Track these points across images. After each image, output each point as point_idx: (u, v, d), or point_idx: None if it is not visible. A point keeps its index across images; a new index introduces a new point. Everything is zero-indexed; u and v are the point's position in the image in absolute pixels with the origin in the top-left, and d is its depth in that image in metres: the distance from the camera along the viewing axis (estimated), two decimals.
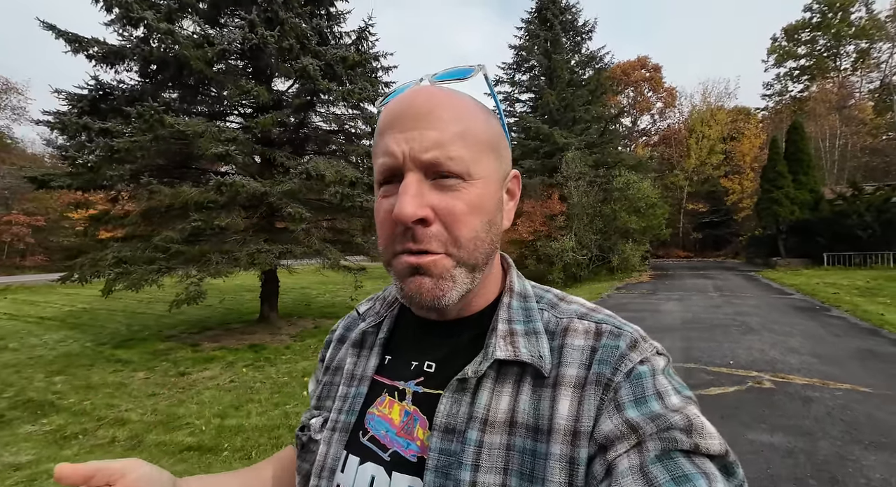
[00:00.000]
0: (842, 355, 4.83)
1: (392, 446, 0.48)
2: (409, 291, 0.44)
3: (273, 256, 6.90)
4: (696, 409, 0.40)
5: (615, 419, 0.39)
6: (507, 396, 0.44)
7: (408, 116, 0.43)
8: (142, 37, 7.11)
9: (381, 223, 0.46)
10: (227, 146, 6.77)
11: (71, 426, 4.31)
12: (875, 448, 2.69)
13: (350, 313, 0.65)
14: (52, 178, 7.42)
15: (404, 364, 0.52)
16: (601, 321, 0.47)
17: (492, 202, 0.46)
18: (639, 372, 0.41)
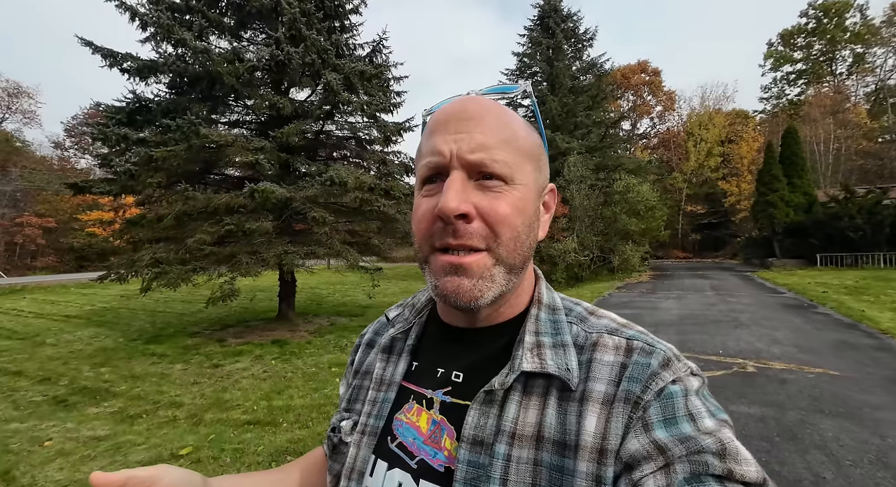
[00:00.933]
0: (820, 346, 5.38)
1: (419, 454, 0.48)
2: (446, 290, 0.44)
3: (299, 257, 7.45)
4: (732, 433, 0.38)
5: (642, 438, 0.38)
6: (534, 409, 0.44)
7: (457, 119, 0.45)
8: (178, 54, 7.64)
9: (421, 219, 0.46)
10: (257, 155, 7.33)
11: (131, 408, 4.84)
12: (832, 416, 3.24)
13: (380, 318, 0.66)
14: (91, 185, 7.97)
15: (431, 371, 0.53)
16: (632, 337, 0.46)
17: (531, 208, 0.47)
18: (670, 392, 0.41)
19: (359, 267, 8.27)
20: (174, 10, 7.96)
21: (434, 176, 0.46)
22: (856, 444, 2.80)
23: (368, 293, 9.80)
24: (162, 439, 3.96)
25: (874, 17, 30.74)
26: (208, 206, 7.36)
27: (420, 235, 0.46)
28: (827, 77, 33.95)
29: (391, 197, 8.44)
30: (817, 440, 2.87)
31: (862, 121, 27.71)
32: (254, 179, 8.57)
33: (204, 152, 7.74)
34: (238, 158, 7.24)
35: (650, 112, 38.25)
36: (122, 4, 7.66)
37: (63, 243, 29.37)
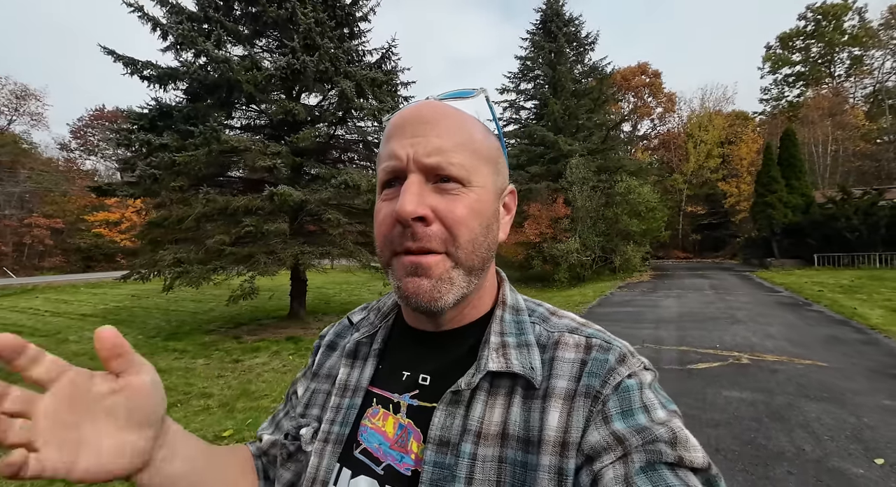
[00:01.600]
0: (811, 340, 5.71)
1: (385, 459, 0.48)
2: (407, 291, 0.45)
3: (315, 257, 7.78)
4: (681, 422, 0.41)
5: (602, 430, 0.40)
6: (499, 408, 0.45)
7: (413, 124, 0.46)
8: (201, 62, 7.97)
9: (381, 223, 0.47)
10: (274, 159, 7.67)
11: (170, 393, 5.18)
12: (816, 400, 3.57)
13: (340, 320, 0.65)
14: (115, 188, 8.31)
15: (397, 374, 0.53)
16: (591, 335, 0.48)
17: (489, 209, 0.48)
18: (626, 386, 0.43)
19: (370, 266, 8.59)
20: (193, 21, 8.30)
21: (392, 180, 0.47)
22: (835, 423, 3.13)
23: (380, 291, 10.11)
24: (200, 424, 4.27)
25: (872, 20, 31.10)
26: (227, 208, 7.70)
27: (381, 239, 0.47)
28: (826, 79, 34.28)
29: None
30: (801, 420, 3.20)
31: (860, 123, 28.04)
32: (268, 182, 8.92)
33: (222, 156, 8.08)
34: (257, 162, 7.57)
35: (650, 113, 38.60)
36: (145, 15, 8.00)
37: (70, 243, 29.75)
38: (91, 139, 40.15)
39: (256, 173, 9.51)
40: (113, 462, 0.37)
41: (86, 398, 0.36)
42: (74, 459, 0.35)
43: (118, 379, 0.38)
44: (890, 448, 2.76)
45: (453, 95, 0.52)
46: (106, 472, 0.37)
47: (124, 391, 0.38)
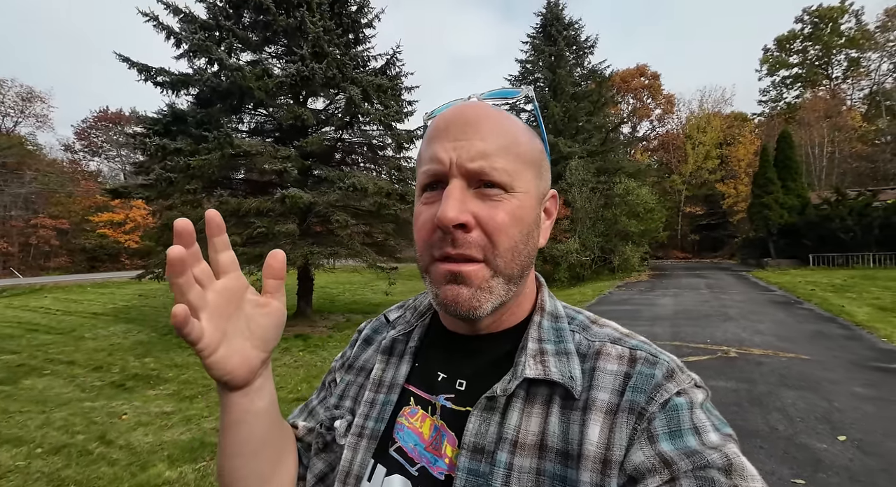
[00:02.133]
0: (797, 335, 6.02)
1: (420, 460, 0.48)
2: (446, 299, 0.45)
3: (324, 257, 8.09)
4: (737, 448, 0.38)
5: (647, 451, 0.38)
6: (536, 417, 0.44)
7: (457, 126, 0.45)
8: (213, 70, 8.28)
9: (421, 228, 0.46)
10: (285, 163, 7.98)
11: (185, 390, 5.46)
12: (794, 388, 3.88)
13: (378, 316, 0.66)
14: (131, 191, 8.62)
15: (434, 375, 0.52)
16: (636, 347, 0.46)
17: (531, 216, 0.47)
18: (675, 404, 0.40)
19: (377, 266, 8.89)
20: (206, 29, 8.61)
21: (434, 183, 0.46)
22: (808, 407, 3.44)
23: (385, 290, 10.43)
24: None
25: (868, 23, 31.42)
26: (239, 210, 8.02)
27: (421, 244, 0.47)
28: (823, 80, 34.61)
29: (406, 201, 9.07)
30: (778, 405, 3.51)
31: (856, 125, 28.36)
32: (276, 184, 9.23)
33: (233, 160, 8.40)
34: (268, 166, 7.88)
35: (649, 115, 38.92)
36: (160, 25, 8.32)
37: (75, 244, 30.08)
38: (95, 140, 40.55)
39: (265, 176, 9.83)
40: (238, 365, 0.41)
41: (240, 299, 0.42)
42: (217, 345, 0.39)
43: (265, 296, 0.44)
44: (854, 427, 3.07)
45: (497, 95, 0.52)
46: (229, 371, 0.41)
47: (267, 307, 0.43)
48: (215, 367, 0.40)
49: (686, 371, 0.45)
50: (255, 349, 0.43)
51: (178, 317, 0.35)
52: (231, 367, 0.41)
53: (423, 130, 0.62)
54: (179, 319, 0.35)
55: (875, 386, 3.88)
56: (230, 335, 0.41)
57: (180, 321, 0.35)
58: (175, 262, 0.35)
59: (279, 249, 0.43)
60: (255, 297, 0.43)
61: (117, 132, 41.21)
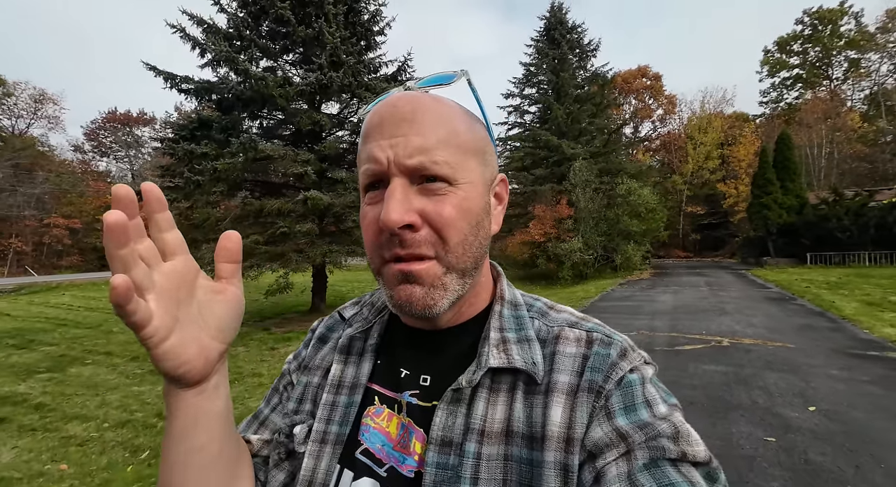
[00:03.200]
0: (786, 328, 6.47)
1: (388, 461, 0.47)
2: (400, 300, 0.44)
3: (342, 255, 8.58)
4: (682, 416, 0.41)
5: (605, 426, 0.40)
6: (502, 405, 0.44)
7: (391, 122, 0.44)
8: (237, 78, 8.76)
9: (367, 229, 0.45)
10: (305, 167, 8.47)
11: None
12: (777, 371, 4.35)
13: (331, 314, 0.63)
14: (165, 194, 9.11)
15: (396, 372, 0.51)
16: (591, 329, 0.48)
17: (478, 206, 0.46)
18: (629, 381, 0.42)
19: None
20: (229, 39, 9.10)
21: (375, 183, 0.45)
22: (787, 386, 3.90)
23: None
24: (262, 395, 5.06)
25: (868, 24, 31.71)
26: (262, 210, 8.51)
27: (369, 246, 0.46)
28: (823, 81, 34.91)
29: None
30: (761, 384, 3.97)
31: (856, 126, 28.69)
32: (295, 186, 9.71)
33: (255, 163, 8.89)
34: (289, 169, 8.37)
35: (651, 115, 39.28)
36: (186, 36, 8.81)
37: (86, 243, 30.72)
38: (103, 141, 41.18)
39: (284, 178, 10.31)
40: (195, 355, 0.37)
41: (192, 284, 0.38)
42: (169, 331, 0.34)
43: (220, 281, 0.40)
44: (824, 401, 3.54)
45: (432, 82, 0.50)
46: (184, 361, 0.36)
47: (221, 294, 0.39)
48: (167, 358, 0.35)
49: (637, 349, 0.46)
50: (212, 339, 0.39)
51: (118, 289, 0.29)
52: (186, 357, 0.36)
53: None
54: (120, 291, 0.30)
55: (849, 369, 4.34)
56: (183, 321, 0.36)
57: (121, 294, 0.30)
58: (114, 228, 0.30)
59: (232, 230, 0.40)
60: (208, 283, 0.39)
61: (125, 133, 41.88)
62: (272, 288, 8.10)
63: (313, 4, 9.28)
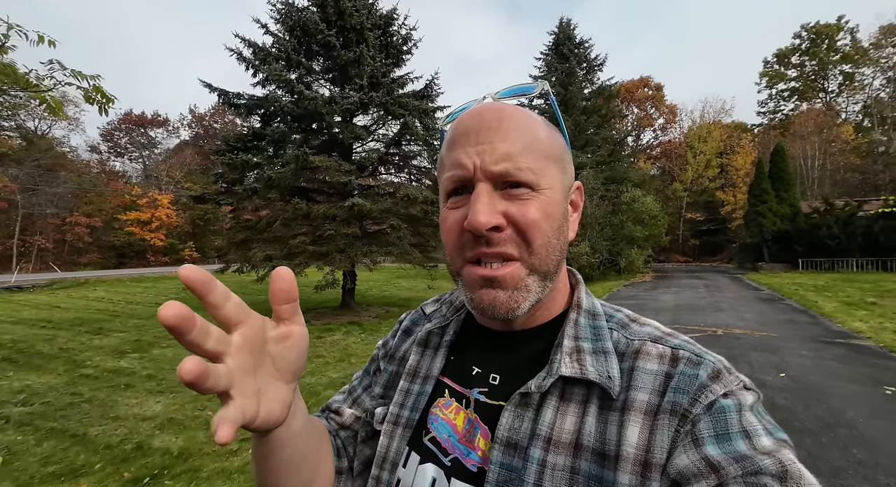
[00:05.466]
0: (772, 321, 7.56)
1: (453, 452, 0.48)
2: (482, 303, 0.45)
3: (380, 255, 9.63)
4: (793, 454, 0.36)
5: (692, 454, 0.37)
6: (572, 416, 0.43)
7: (477, 130, 0.45)
8: (288, 97, 9.83)
9: (448, 231, 0.47)
10: (349, 176, 9.53)
11: None
12: (760, 352, 5.44)
13: (416, 309, 0.67)
14: (212, 197, 10.17)
15: (468, 368, 0.53)
16: (678, 346, 0.45)
17: (559, 211, 0.47)
18: (722, 406, 0.39)
19: (422, 264, 10.43)
20: (279, 60, 10.18)
21: (459, 188, 0.46)
22: (766, 361, 4.99)
23: (428, 284, 11.94)
24: (332, 371, 6.07)
25: (862, 40, 32.98)
26: (309, 214, 9.57)
27: (450, 247, 0.47)
28: (819, 94, 36.17)
29: None
30: (746, 360, 5.05)
31: (848, 138, 29.89)
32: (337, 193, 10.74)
33: (303, 172, 9.96)
34: (335, 179, 9.41)
35: (652, 124, 40.50)
36: (242, 59, 9.91)
37: (105, 241, 31.74)
38: (119, 142, 42.29)
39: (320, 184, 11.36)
40: (279, 412, 0.37)
41: (262, 343, 0.36)
42: (256, 411, 0.34)
43: (282, 325, 0.37)
44: (792, 370, 4.62)
45: (513, 92, 0.52)
46: (273, 421, 0.37)
47: (289, 339, 0.37)
48: (260, 428, 0.36)
49: (734, 372, 0.43)
50: (287, 385, 0.39)
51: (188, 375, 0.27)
52: (274, 419, 0.37)
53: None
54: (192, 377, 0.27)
55: (817, 351, 5.44)
56: (264, 389, 0.36)
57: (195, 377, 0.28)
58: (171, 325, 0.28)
59: (284, 267, 0.36)
60: (276, 332, 0.37)
61: (140, 134, 42.97)
62: (320, 283, 9.15)
63: (355, 31, 10.37)
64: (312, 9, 10.30)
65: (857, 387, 4.02)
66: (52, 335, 8.81)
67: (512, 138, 0.45)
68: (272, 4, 10.25)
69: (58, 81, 3.45)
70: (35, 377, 5.97)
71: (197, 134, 45.47)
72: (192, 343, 0.30)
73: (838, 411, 3.45)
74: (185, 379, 0.27)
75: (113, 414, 4.41)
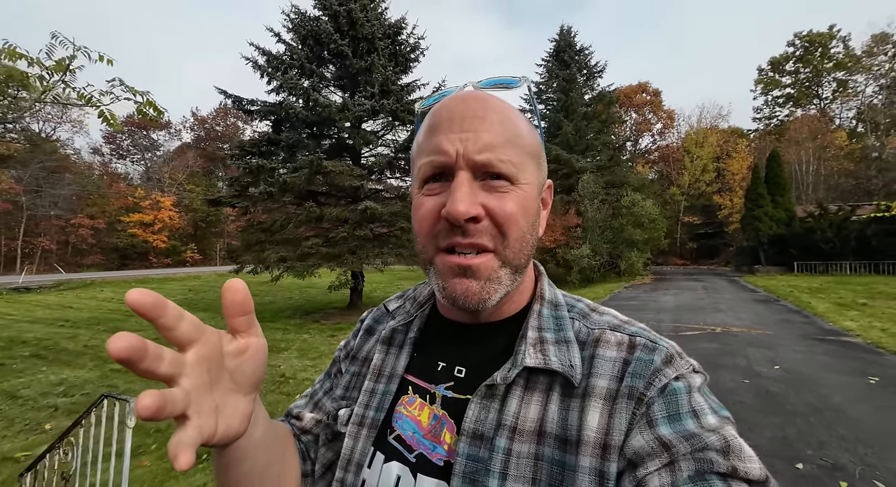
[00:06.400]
0: (767, 321, 7.93)
1: (418, 447, 0.49)
2: (454, 292, 0.45)
3: (391, 256, 9.96)
4: (734, 430, 0.38)
5: (647, 435, 0.39)
6: (536, 405, 0.44)
7: (462, 117, 0.45)
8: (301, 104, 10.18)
9: (422, 219, 0.46)
10: (362, 181, 9.88)
11: (309, 353, 7.26)
12: (756, 347, 5.80)
13: (378, 307, 0.66)
14: (227, 201, 10.49)
15: (433, 364, 0.53)
16: (635, 334, 0.47)
17: (534, 206, 0.48)
18: (674, 389, 0.41)
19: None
20: (293, 68, 10.53)
21: (437, 175, 0.46)
22: (762, 356, 5.35)
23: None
24: None
25: (854, 48, 33.69)
26: (322, 216, 9.89)
27: (423, 236, 0.47)
28: (813, 100, 36.88)
29: None
30: (743, 354, 5.42)
31: (842, 143, 30.51)
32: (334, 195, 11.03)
33: (315, 176, 10.29)
34: (346, 183, 9.75)
35: (651, 129, 41.08)
36: (258, 67, 10.26)
37: (108, 243, 31.92)
38: (122, 144, 42.50)
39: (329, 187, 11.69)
40: (238, 426, 0.37)
41: (219, 358, 0.35)
42: (214, 429, 0.34)
43: (238, 338, 0.37)
44: (785, 363, 5.00)
45: (496, 83, 0.52)
46: (232, 435, 0.36)
47: (246, 352, 0.37)
48: (219, 444, 0.35)
49: (685, 356, 0.45)
50: (245, 397, 0.38)
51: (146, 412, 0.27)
52: (233, 433, 0.36)
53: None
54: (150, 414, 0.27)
55: (808, 347, 5.82)
56: (221, 403, 0.35)
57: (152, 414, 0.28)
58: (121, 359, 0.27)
59: (236, 279, 0.36)
60: (232, 346, 0.36)
61: (142, 136, 43.20)
62: (334, 284, 9.48)
63: (366, 40, 10.75)
64: (324, 18, 10.68)
65: (845, 378, 4.38)
66: (73, 333, 9.09)
67: (496, 129, 0.45)
68: (286, 15, 10.62)
69: (116, 97, 3.78)
70: (68, 371, 6.27)
71: (199, 136, 45.76)
72: (145, 371, 0.29)
73: (826, 397, 3.82)
74: (142, 416, 0.27)
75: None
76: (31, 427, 4.25)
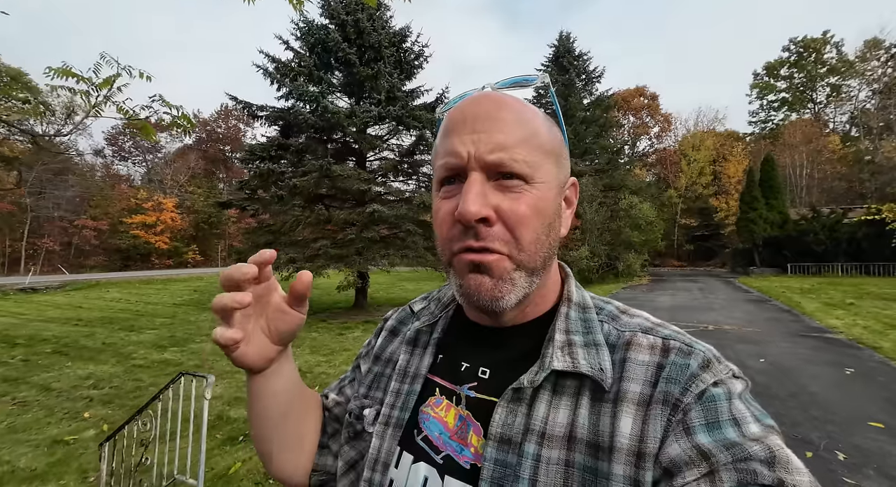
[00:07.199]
0: (758, 319, 8.33)
1: (445, 449, 0.49)
2: (468, 289, 0.45)
3: (397, 258, 10.31)
4: (780, 440, 0.36)
5: (683, 443, 0.37)
6: (565, 409, 0.44)
7: (474, 119, 0.45)
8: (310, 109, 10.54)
9: (441, 222, 0.47)
10: (370, 184, 10.23)
11: (321, 350, 7.58)
12: (745, 343, 6.19)
13: (403, 307, 0.67)
14: (236, 203, 10.82)
15: (457, 365, 0.53)
16: (668, 337, 0.45)
17: (551, 207, 0.47)
18: (712, 395, 0.39)
19: (437, 267, 11.11)
20: (302, 75, 10.88)
21: (452, 177, 0.46)
22: (750, 350, 5.73)
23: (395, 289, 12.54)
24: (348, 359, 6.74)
25: (848, 54, 34.30)
26: (330, 219, 10.23)
27: (442, 238, 0.47)
28: (808, 105, 37.48)
29: None
30: (733, 349, 5.81)
31: (836, 147, 31.04)
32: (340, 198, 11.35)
33: (324, 180, 10.64)
34: (355, 187, 10.10)
35: (648, 132, 41.60)
36: (268, 74, 10.61)
37: (110, 244, 32.14)
38: (123, 145, 42.76)
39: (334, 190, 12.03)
40: (256, 359, 0.49)
41: (267, 302, 0.49)
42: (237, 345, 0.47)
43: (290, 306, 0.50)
44: (771, 357, 5.38)
45: (513, 82, 0.51)
46: (248, 364, 0.49)
47: (287, 315, 0.50)
48: (236, 361, 0.48)
49: (723, 361, 0.43)
50: (272, 344, 0.50)
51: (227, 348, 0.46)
52: (250, 361, 0.49)
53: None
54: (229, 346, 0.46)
55: (794, 343, 6.21)
56: (251, 334, 0.48)
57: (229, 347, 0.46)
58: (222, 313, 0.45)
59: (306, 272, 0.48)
60: (280, 302, 0.49)
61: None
62: (342, 284, 9.82)
63: (372, 48, 11.12)
64: (332, 27, 11.05)
65: (823, 369, 4.77)
66: (90, 332, 9.39)
67: (509, 129, 0.45)
68: (295, 24, 10.99)
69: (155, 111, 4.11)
70: (93, 367, 6.59)
71: (200, 138, 46.04)
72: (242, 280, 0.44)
73: (804, 385, 4.20)
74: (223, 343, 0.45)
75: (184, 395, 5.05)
76: (71, 415, 4.57)
